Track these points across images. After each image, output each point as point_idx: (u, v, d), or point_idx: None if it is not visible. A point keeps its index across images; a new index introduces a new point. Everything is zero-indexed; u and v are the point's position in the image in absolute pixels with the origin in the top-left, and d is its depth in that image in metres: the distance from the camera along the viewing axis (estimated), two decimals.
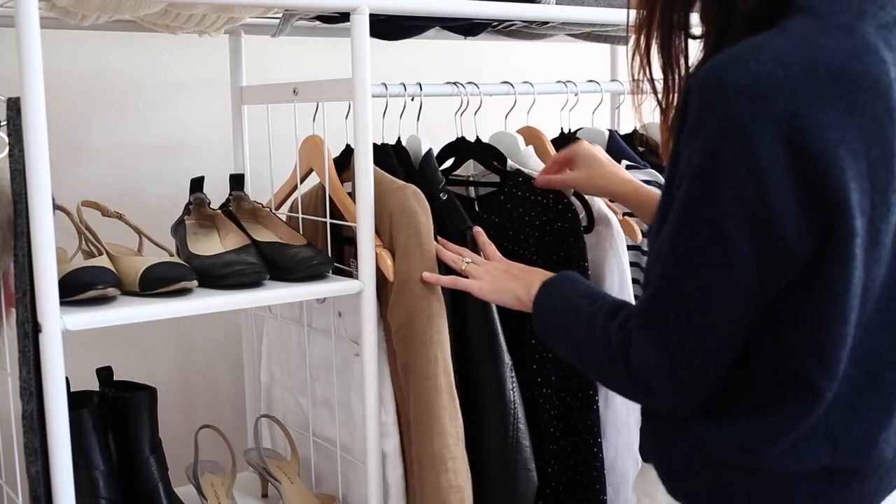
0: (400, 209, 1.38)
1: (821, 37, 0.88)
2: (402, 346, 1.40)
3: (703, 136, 0.88)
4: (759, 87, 0.85)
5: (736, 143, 0.86)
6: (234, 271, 1.32)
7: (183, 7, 1.33)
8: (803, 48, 0.87)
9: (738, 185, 0.86)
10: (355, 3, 1.30)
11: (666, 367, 0.95)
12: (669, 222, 0.93)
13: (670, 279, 0.94)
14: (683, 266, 0.92)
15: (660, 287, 0.95)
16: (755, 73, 0.86)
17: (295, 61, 1.93)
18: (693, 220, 0.90)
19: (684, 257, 0.92)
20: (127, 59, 1.81)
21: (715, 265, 0.89)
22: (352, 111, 1.35)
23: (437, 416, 1.37)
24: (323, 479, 1.62)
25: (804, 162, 0.85)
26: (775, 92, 0.85)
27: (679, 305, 0.93)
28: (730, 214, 0.87)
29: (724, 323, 0.92)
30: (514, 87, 1.60)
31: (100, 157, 1.80)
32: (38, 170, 1.09)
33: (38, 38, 1.07)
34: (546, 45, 2.13)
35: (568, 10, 1.56)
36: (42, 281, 1.11)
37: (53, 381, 1.13)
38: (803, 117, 0.85)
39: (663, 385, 0.97)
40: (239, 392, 1.88)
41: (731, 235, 0.88)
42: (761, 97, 0.85)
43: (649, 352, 0.96)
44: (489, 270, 1.32)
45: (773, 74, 0.86)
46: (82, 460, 1.29)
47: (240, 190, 1.57)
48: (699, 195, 0.89)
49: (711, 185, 0.88)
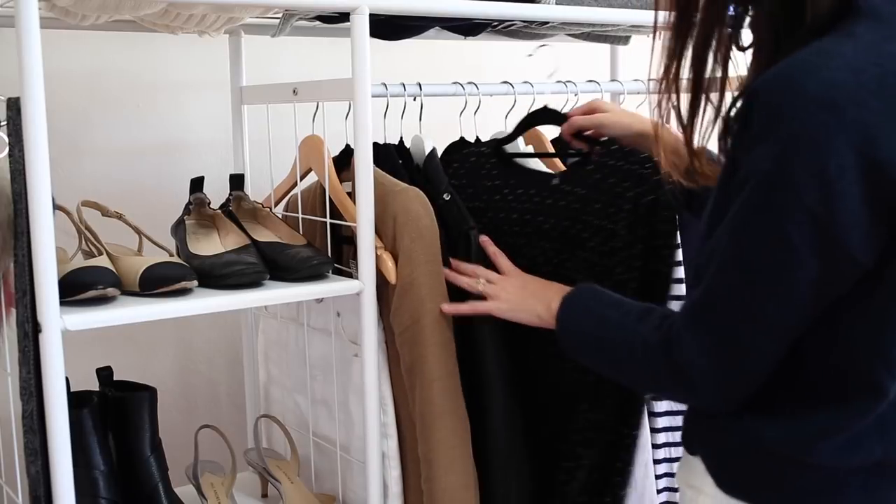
0: (404, 212, 1.38)
1: (888, 43, 0.89)
2: (407, 349, 1.40)
3: (771, 143, 0.88)
4: (831, 96, 0.85)
5: (806, 151, 0.86)
6: (233, 271, 1.32)
7: (183, 7, 1.33)
8: (873, 55, 0.87)
9: (806, 193, 0.87)
10: (355, 3, 1.30)
11: (712, 365, 0.97)
12: (728, 224, 0.93)
13: (726, 279, 0.94)
14: (741, 267, 0.93)
15: (714, 286, 0.95)
16: (827, 81, 0.86)
17: (295, 61, 1.93)
18: (756, 224, 0.91)
19: (743, 259, 0.92)
20: (127, 59, 1.81)
21: (774, 269, 0.90)
22: (352, 111, 1.35)
23: (444, 417, 1.37)
24: (322, 479, 1.62)
25: (874, 171, 0.85)
26: (847, 101, 0.85)
27: (733, 305, 0.94)
28: (795, 221, 0.88)
29: (776, 326, 0.93)
30: (514, 87, 1.60)
31: (100, 156, 1.80)
32: (38, 170, 1.09)
33: (38, 38, 1.07)
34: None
35: (568, 10, 1.56)
36: (42, 281, 1.11)
37: (53, 381, 1.13)
38: (874, 126, 0.85)
39: (707, 382, 0.98)
40: (239, 392, 1.88)
41: (794, 241, 0.88)
42: (833, 106, 0.85)
43: (696, 349, 0.97)
44: (506, 288, 1.33)
45: (844, 83, 0.86)
46: (82, 460, 1.29)
47: (240, 190, 1.57)
48: (765, 200, 0.89)
49: (778, 191, 0.88)
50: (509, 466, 1.43)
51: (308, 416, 1.62)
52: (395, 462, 1.45)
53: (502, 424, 1.42)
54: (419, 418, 1.40)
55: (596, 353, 1.13)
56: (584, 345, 1.15)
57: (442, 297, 1.39)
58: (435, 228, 1.39)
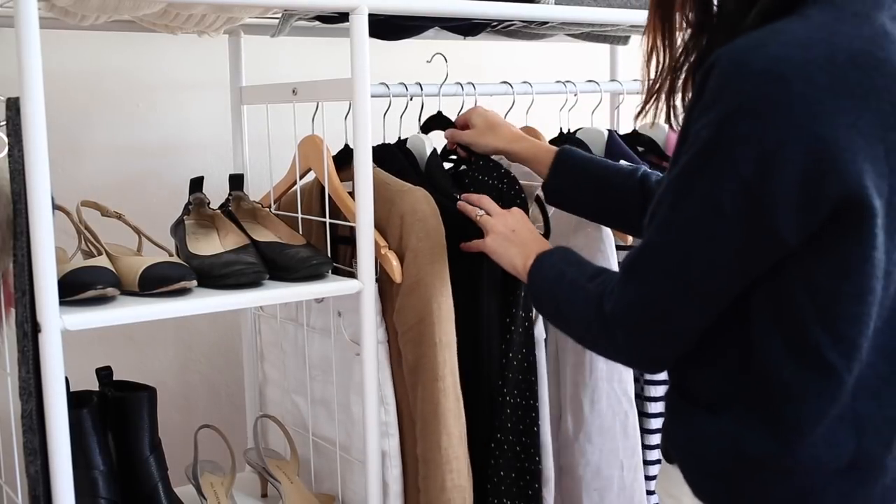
0: (411, 212, 1.38)
1: (840, 24, 0.90)
2: (410, 348, 1.40)
3: (715, 112, 0.90)
4: (779, 69, 0.87)
5: (747, 121, 0.88)
6: (233, 271, 1.32)
7: (182, 7, 1.33)
8: (824, 33, 0.89)
9: (742, 162, 0.88)
10: (355, 3, 1.30)
11: (634, 319, 1.00)
12: (668, 187, 0.96)
13: (658, 238, 0.97)
14: (673, 229, 0.95)
15: (647, 244, 0.99)
16: (775, 56, 0.87)
17: (295, 61, 1.93)
18: (691, 189, 0.93)
19: (675, 221, 0.95)
20: (127, 59, 1.81)
21: (702, 233, 0.92)
22: (351, 111, 1.35)
23: (445, 416, 1.38)
24: (322, 479, 1.63)
25: (815, 145, 0.86)
26: (794, 75, 0.86)
27: (661, 264, 0.97)
28: (727, 189, 0.90)
29: (699, 290, 0.95)
30: (513, 88, 1.60)
31: (100, 157, 1.80)
32: (37, 170, 1.09)
33: (38, 38, 1.07)
34: (546, 45, 2.13)
35: (568, 10, 1.56)
36: (41, 281, 1.11)
37: (53, 380, 1.13)
38: (820, 102, 0.86)
39: (628, 336, 1.02)
40: (238, 392, 1.88)
41: (725, 208, 0.90)
42: (780, 79, 0.86)
43: (623, 301, 1.01)
44: (497, 225, 1.36)
45: (793, 57, 0.87)
46: (82, 460, 1.29)
47: (239, 190, 1.57)
48: (702, 166, 0.91)
49: (716, 158, 0.90)
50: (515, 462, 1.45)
51: (307, 417, 1.62)
52: (397, 461, 1.45)
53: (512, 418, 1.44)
54: (419, 417, 1.40)
55: (551, 306, 1.18)
56: (542, 298, 1.21)
57: (447, 297, 1.39)
58: (441, 229, 1.39)
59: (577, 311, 1.10)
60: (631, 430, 1.54)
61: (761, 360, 0.96)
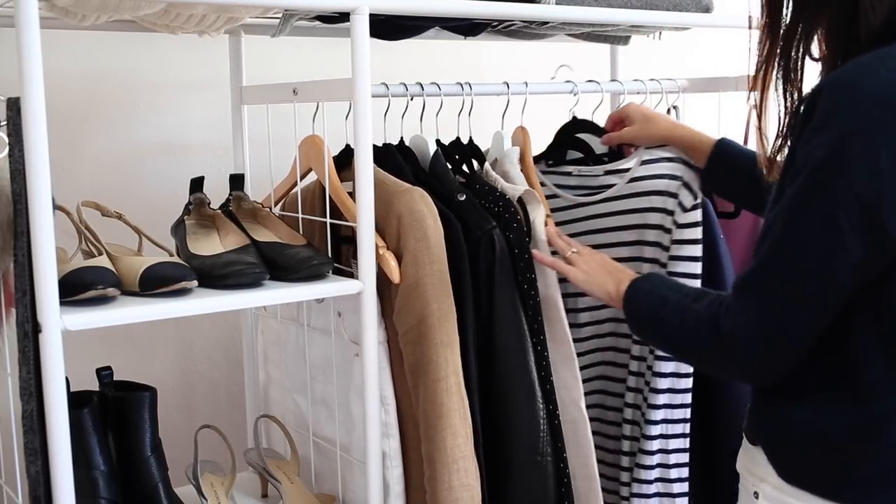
0: (409, 213, 1.38)
1: None
2: (411, 349, 1.40)
3: (828, 134, 0.96)
4: (888, 93, 0.94)
5: (860, 143, 0.95)
6: (233, 271, 1.32)
7: (183, 7, 1.33)
8: None
9: (856, 181, 0.95)
10: (355, 4, 1.30)
11: (754, 335, 1.04)
12: (782, 207, 1.02)
13: (776, 256, 1.02)
14: (791, 246, 1.01)
15: (764, 261, 1.04)
16: (884, 80, 0.95)
17: (295, 61, 1.93)
18: (807, 207, 0.99)
19: (793, 238, 1.00)
20: (127, 59, 1.81)
21: (820, 250, 0.99)
22: (352, 111, 1.35)
23: (449, 416, 1.38)
24: (322, 479, 1.63)
25: None
26: None
27: (779, 280, 1.02)
28: (843, 206, 0.96)
29: (817, 303, 1.01)
30: (512, 88, 1.60)
31: (100, 157, 1.80)
32: (37, 170, 1.09)
33: (38, 38, 1.07)
34: (546, 45, 2.13)
35: (568, 10, 1.56)
36: (42, 281, 1.11)
37: (53, 381, 1.13)
38: None
39: (748, 353, 1.06)
40: (239, 392, 1.88)
41: (842, 225, 0.97)
42: (887, 102, 0.94)
43: (741, 319, 1.05)
44: (587, 261, 1.41)
45: None
46: (82, 460, 1.29)
47: (240, 190, 1.57)
48: (818, 186, 0.98)
49: (831, 178, 0.97)
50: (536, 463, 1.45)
51: (308, 417, 1.62)
52: (398, 461, 1.45)
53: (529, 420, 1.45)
54: (423, 417, 1.40)
55: (655, 331, 1.22)
56: (644, 323, 1.25)
57: (447, 296, 1.39)
58: (440, 229, 1.39)
59: (688, 332, 1.13)
60: (582, 438, 1.51)
61: (855, 355, 1.02)
